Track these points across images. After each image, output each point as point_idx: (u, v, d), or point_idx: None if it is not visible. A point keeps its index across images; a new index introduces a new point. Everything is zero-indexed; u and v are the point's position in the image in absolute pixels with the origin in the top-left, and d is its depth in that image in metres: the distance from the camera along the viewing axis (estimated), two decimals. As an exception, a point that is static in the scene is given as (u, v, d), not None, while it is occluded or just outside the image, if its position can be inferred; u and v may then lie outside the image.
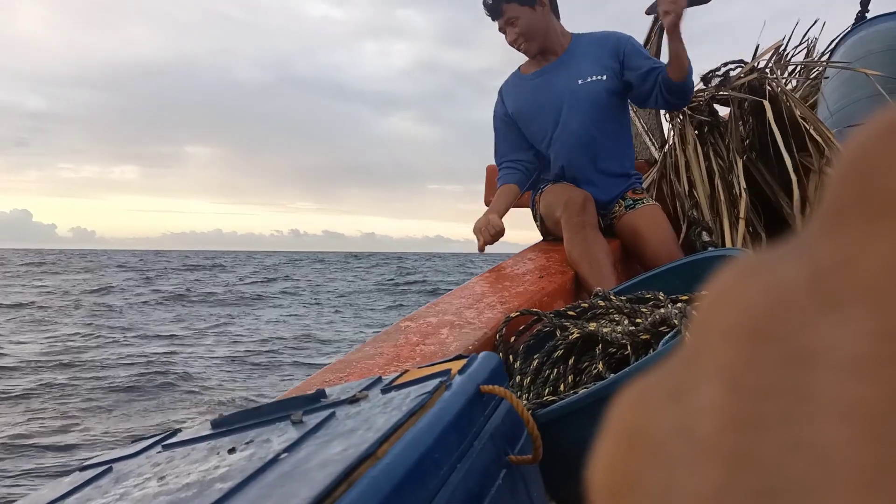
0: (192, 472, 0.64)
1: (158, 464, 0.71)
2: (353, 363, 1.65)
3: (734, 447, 0.12)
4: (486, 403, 0.70)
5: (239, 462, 0.62)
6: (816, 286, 0.12)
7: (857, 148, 0.13)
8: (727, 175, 2.81)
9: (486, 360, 0.76)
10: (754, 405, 0.12)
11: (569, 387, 1.68)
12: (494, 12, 2.58)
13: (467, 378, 0.69)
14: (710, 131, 2.89)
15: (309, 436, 0.63)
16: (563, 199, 2.51)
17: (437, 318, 1.98)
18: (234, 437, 0.72)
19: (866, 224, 0.12)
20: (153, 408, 7.08)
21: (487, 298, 2.15)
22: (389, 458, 0.53)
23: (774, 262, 0.14)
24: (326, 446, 0.58)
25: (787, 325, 0.12)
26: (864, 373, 0.11)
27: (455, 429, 0.62)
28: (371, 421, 0.61)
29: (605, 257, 2.38)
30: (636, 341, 1.60)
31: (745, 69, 2.89)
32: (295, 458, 0.58)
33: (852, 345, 0.12)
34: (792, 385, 0.12)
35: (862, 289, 0.12)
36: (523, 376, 1.76)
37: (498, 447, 0.68)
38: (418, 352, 1.73)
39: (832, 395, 0.11)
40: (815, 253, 0.13)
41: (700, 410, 0.13)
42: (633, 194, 2.67)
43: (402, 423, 0.58)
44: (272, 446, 0.63)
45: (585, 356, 1.75)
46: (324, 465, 0.53)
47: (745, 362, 0.13)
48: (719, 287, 0.14)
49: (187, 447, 0.74)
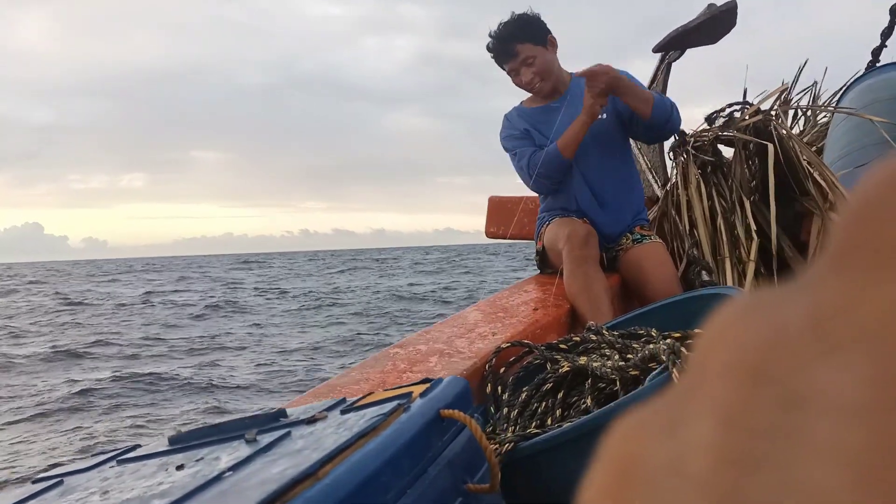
0: (135, 487, 0.61)
1: (107, 478, 0.69)
2: (336, 388, 1.62)
3: (725, 485, 0.12)
4: (447, 429, 0.67)
5: (183, 479, 0.59)
6: (816, 329, 0.12)
7: (863, 195, 0.13)
8: (729, 215, 2.79)
9: (450, 384, 0.74)
10: (748, 444, 0.12)
11: (556, 420, 1.65)
12: (506, 55, 2.58)
13: (428, 401, 0.67)
14: (714, 171, 2.88)
15: (258, 455, 0.61)
16: (567, 232, 2.50)
17: (427, 345, 1.96)
18: (188, 454, 0.70)
19: (869, 271, 0.12)
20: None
21: (480, 328, 2.13)
22: (330, 478, 0.51)
23: (775, 303, 0.14)
24: (271, 465, 0.55)
25: (784, 366, 0.12)
26: (859, 419, 0.11)
27: (408, 452, 0.59)
28: (321, 441, 0.58)
29: (604, 292, 2.37)
30: (625, 377, 1.57)
31: (751, 111, 2.89)
32: (237, 476, 0.55)
33: (849, 390, 0.12)
34: (786, 427, 0.12)
35: (861, 334, 0.12)
36: (511, 408, 1.73)
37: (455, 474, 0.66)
38: (405, 378, 1.70)
39: (826, 439, 0.11)
40: (816, 296, 0.13)
41: (693, 446, 0.13)
42: (641, 230, 2.67)
43: (349, 444, 0.55)
44: (219, 464, 0.61)
45: (574, 390, 1.72)
46: (262, 483, 0.50)
47: (741, 401, 0.13)
48: (719, 324, 0.14)
49: (140, 463, 0.72)
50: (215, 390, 7.31)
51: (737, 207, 2.78)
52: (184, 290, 23.99)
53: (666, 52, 3.11)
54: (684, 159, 2.92)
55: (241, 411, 6.33)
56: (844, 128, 3.47)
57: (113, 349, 10.44)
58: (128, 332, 12.62)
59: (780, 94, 3.05)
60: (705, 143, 2.90)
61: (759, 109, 2.91)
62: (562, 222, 2.63)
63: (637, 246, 2.62)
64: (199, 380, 7.81)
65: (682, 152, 2.95)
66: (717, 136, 2.90)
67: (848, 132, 3.41)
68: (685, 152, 2.92)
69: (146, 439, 4.84)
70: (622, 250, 2.66)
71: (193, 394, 7.22)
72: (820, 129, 3.95)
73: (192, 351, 10.07)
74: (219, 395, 7.08)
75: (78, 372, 8.78)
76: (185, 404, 6.77)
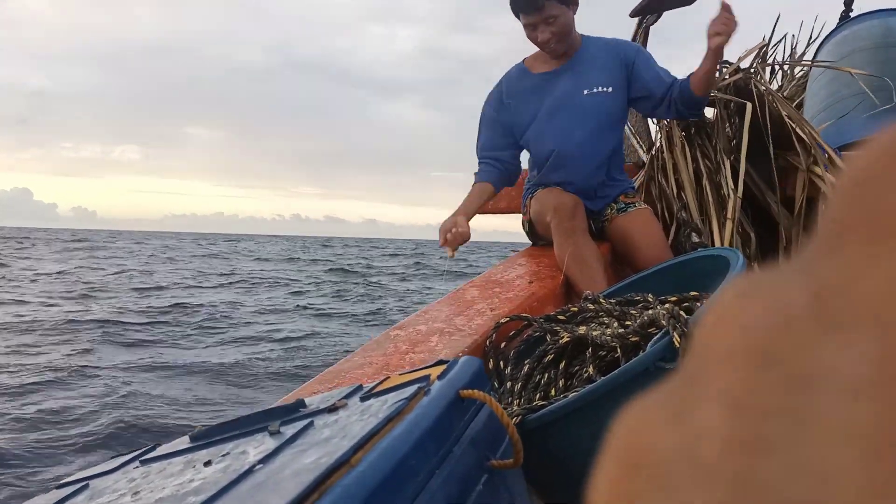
0: (166, 486, 0.62)
1: (134, 479, 0.70)
2: (341, 373, 1.63)
3: (736, 470, 0.12)
4: (467, 408, 0.69)
5: (214, 475, 0.60)
6: (818, 308, 0.12)
7: (858, 170, 0.13)
8: (715, 176, 2.81)
9: (466, 364, 0.75)
10: (756, 428, 0.12)
11: (559, 391, 1.67)
12: (530, 6, 2.42)
13: (447, 383, 0.68)
14: (697, 133, 2.90)
15: (285, 446, 0.62)
16: (554, 204, 2.50)
17: (427, 325, 1.97)
18: (212, 449, 0.71)
19: (867, 246, 0.12)
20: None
21: (477, 305, 2.14)
22: (364, 465, 0.52)
23: (775, 283, 0.14)
24: (301, 456, 0.56)
25: (788, 347, 0.12)
26: (865, 395, 0.11)
27: (433, 434, 0.61)
28: (347, 429, 0.59)
29: (596, 261, 2.38)
30: (626, 343, 1.59)
31: (730, 70, 2.90)
32: (269, 468, 0.56)
33: (853, 367, 0.12)
34: (793, 407, 0.12)
35: (863, 311, 0.12)
36: (514, 382, 1.75)
37: (479, 452, 0.67)
38: (408, 360, 1.71)
39: (834, 417, 0.12)
40: (816, 275, 0.13)
41: (701, 432, 0.13)
42: (624, 198, 2.67)
43: (377, 430, 0.57)
44: (248, 458, 0.62)
45: (576, 360, 1.74)
46: (296, 474, 0.51)
47: (747, 384, 0.13)
48: (720, 307, 0.14)
49: (164, 462, 0.73)
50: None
51: (721, 167, 2.80)
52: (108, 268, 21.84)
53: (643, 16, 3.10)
54: (668, 123, 2.93)
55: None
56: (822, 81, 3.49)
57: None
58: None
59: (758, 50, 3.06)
60: (687, 105, 2.91)
61: (739, 68, 2.92)
62: (547, 194, 2.62)
63: (622, 215, 2.63)
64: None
65: (665, 116, 2.95)
66: (698, 97, 2.91)
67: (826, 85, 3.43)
68: (668, 116, 2.93)
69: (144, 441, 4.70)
70: (607, 221, 2.66)
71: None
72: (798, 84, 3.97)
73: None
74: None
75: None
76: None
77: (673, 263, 1.97)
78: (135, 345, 8.13)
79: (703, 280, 1.79)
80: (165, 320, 9.84)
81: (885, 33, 3.54)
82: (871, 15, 3.72)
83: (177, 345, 8.24)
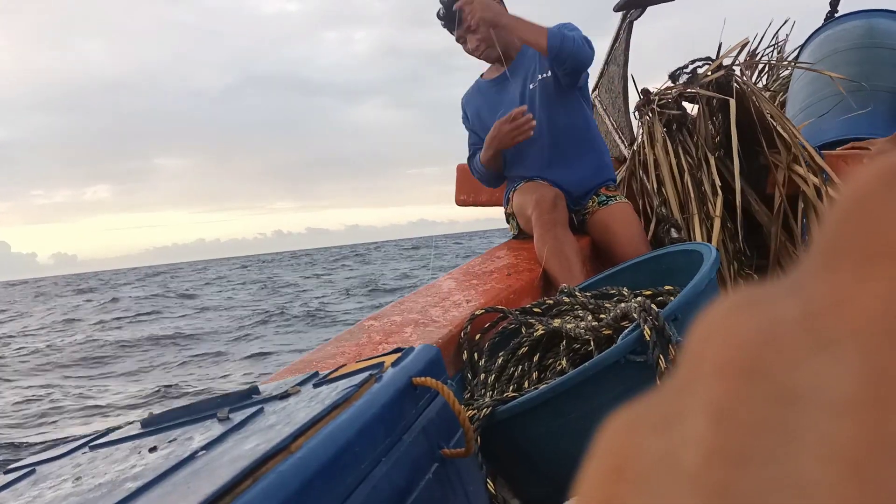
0: (108, 472, 0.61)
1: (80, 464, 0.68)
2: (313, 363, 1.62)
3: (718, 481, 0.12)
4: (420, 396, 0.68)
5: (156, 461, 0.59)
6: (808, 325, 0.13)
7: (854, 191, 0.13)
8: (696, 172, 2.82)
9: (422, 352, 0.74)
10: (740, 440, 0.12)
11: (533, 383, 1.66)
12: (451, 21, 2.53)
13: (400, 370, 0.67)
14: (679, 129, 2.90)
15: (231, 432, 0.60)
16: (535, 198, 2.51)
17: (402, 316, 1.96)
18: (160, 435, 0.69)
19: (860, 267, 0.12)
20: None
21: (454, 296, 2.13)
22: (303, 451, 0.50)
23: (767, 299, 0.14)
24: (243, 442, 0.55)
25: (777, 362, 0.13)
26: (850, 414, 0.11)
27: (381, 421, 0.59)
28: (293, 416, 0.58)
29: (575, 255, 2.38)
30: (599, 336, 1.59)
31: (713, 66, 2.90)
32: (210, 455, 0.55)
33: (841, 386, 0.12)
34: (779, 422, 0.12)
35: (853, 330, 0.12)
36: (488, 374, 1.74)
37: (430, 441, 0.66)
38: (380, 350, 1.70)
39: (818, 434, 0.12)
40: (808, 292, 0.13)
41: (686, 442, 0.13)
42: (606, 191, 2.68)
43: (321, 416, 0.55)
44: (192, 444, 0.60)
45: (550, 353, 1.74)
46: (234, 461, 0.50)
47: (734, 397, 0.13)
48: (711, 320, 0.14)
49: (112, 447, 0.71)
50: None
51: (703, 164, 2.81)
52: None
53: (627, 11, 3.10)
54: (650, 118, 2.93)
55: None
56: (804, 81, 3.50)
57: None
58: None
59: (741, 48, 3.06)
60: (669, 101, 2.91)
61: (721, 65, 2.92)
62: (528, 187, 2.62)
63: (602, 208, 2.64)
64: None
65: (648, 111, 2.95)
66: (681, 93, 2.91)
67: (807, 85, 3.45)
68: (650, 111, 2.93)
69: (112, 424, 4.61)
70: (589, 213, 2.67)
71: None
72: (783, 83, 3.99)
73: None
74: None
75: None
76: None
77: (648, 258, 1.97)
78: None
79: (678, 275, 1.79)
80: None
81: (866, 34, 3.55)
82: (855, 15, 3.73)
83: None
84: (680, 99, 2.91)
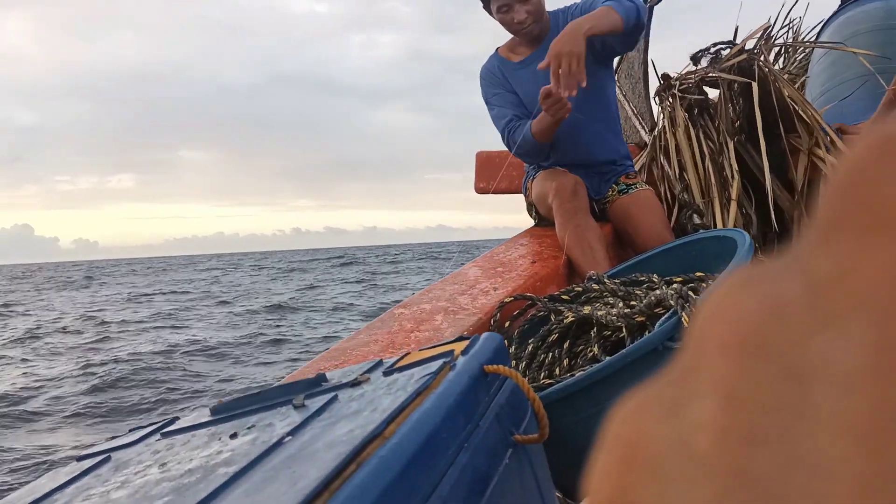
0: (193, 458, 0.63)
1: (158, 451, 0.70)
2: (348, 350, 1.64)
3: (731, 463, 0.12)
4: (491, 383, 0.69)
5: (242, 447, 0.61)
6: (812, 300, 0.12)
7: (852, 161, 0.13)
8: (718, 157, 2.81)
9: (488, 340, 0.75)
10: (751, 420, 0.12)
11: (564, 370, 1.68)
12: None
13: (471, 358, 0.69)
14: (700, 113, 2.89)
15: (312, 419, 0.62)
16: (555, 186, 2.50)
17: (431, 304, 1.98)
18: (235, 422, 0.71)
19: (861, 237, 0.12)
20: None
21: (481, 284, 2.15)
22: (397, 437, 0.52)
23: (770, 276, 0.14)
24: (331, 428, 0.57)
25: (783, 339, 0.12)
26: (860, 387, 0.11)
27: (461, 408, 0.61)
28: (376, 402, 0.60)
29: (598, 242, 2.38)
30: (631, 324, 1.60)
31: (734, 50, 2.89)
32: (300, 440, 0.57)
33: (849, 359, 0.12)
34: (789, 400, 0.12)
35: (857, 302, 0.12)
36: (518, 361, 1.76)
37: (503, 427, 0.68)
38: (413, 338, 1.72)
39: (829, 409, 0.11)
40: (810, 266, 0.13)
41: (697, 425, 0.13)
42: (625, 179, 2.67)
43: (408, 403, 0.57)
44: (275, 430, 0.62)
45: (580, 340, 1.75)
46: (330, 446, 0.52)
47: (743, 377, 0.13)
48: (715, 300, 0.14)
49: (187, 434, 0.73)
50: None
51: (724, 149, 2.80)
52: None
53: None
54: (671, 103, 2.92)
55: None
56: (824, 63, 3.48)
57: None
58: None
59: (763, 31, 3.04)
60: (691, 85, 2.90)
61: (743, 49, 2.91)
62: (548, 175, 2.61)
63: (623, 196, 2.62)
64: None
65: (668, 96, 2.95)
66: (702, 77, 2.90)
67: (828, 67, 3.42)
68: (671, 95, 2.92)
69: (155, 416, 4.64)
70: (608, 202, 2.66)
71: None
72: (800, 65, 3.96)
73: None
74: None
75: None
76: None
77: (677, 244, 1.98)
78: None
79: (708, 261, 1.80)
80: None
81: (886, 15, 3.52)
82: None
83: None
84: (701, 83, 2.90)
